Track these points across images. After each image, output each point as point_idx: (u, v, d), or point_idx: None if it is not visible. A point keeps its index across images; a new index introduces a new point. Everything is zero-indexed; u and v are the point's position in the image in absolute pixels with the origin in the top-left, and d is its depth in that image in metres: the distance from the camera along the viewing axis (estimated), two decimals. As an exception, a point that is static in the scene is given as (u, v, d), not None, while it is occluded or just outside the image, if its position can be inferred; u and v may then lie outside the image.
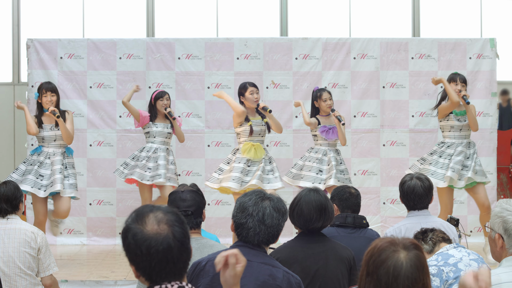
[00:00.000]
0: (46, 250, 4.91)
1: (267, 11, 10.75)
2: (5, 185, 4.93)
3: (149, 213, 2.30)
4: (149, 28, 10.63)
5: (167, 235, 2.26)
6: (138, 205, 9.12)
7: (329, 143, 7.33)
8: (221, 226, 8.52)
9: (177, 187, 4.21)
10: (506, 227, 3.13)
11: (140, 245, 2.25)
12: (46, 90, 7.10)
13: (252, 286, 3.20)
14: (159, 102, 7.54)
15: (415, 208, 4.79)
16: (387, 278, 2.29)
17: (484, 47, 8.85)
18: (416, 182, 4.76)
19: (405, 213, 8.06)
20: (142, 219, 2.29)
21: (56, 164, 7.08)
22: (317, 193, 3.96)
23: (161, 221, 2.28)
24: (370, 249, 2.37)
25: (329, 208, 3.93)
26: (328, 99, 7.31)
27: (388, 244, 2.34)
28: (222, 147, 8.80)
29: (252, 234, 3.27)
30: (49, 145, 7.16)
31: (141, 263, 2.27)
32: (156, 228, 2.26)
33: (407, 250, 2.32)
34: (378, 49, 8.84)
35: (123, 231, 2.31)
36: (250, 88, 7.19)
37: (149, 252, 2.24)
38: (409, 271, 2.29)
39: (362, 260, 2.39)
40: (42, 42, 8.77)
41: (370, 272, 2.33)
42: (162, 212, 2.31)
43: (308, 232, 3.96)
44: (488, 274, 2.21)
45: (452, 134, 7.29)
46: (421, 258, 2.33)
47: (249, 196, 3.32)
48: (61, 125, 7.03)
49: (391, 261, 2.30)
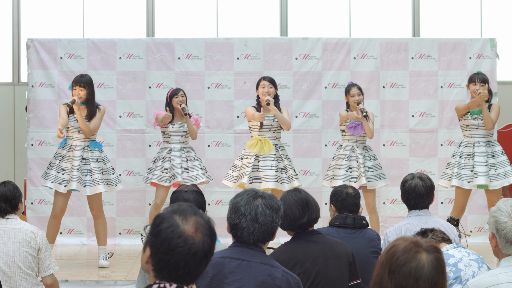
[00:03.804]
0: (46, 250, 4.91)
1: (267, 11, 10.75)
2: (4, 185, 4.93)
3: (192, 215, 2.31)
4: (149, 28, 10.63)
5: (198, 243, 2.26)
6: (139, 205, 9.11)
7: (357, 139, 7.37)
8: (221, 226, 8.47)
9: (180, 187, 4.19)
10: (497, 227, 3.14)
11: (170, 238, 2.24)
12: (75, 84, 6.99)
13: (251, 286, 3.20)
14: (174, 99, 7.46)
15: (416, 208, 4.79)
16: (409, 279, 2.30)
17: (484, 47, 8.84)
18: (417, 181, 4.76)
19: (405, 213, 8.06)
20: (185, 216, 2.29)
21: (76, 160, 6.96)
22: (297, 191, 4.04)
23: (200, 228, 2.28)
24: (392, 247, 2.38)
25: (311, 202, 3.99)
26: (356, 94, 7.36)
27: (412, 245, 2.35)
28: (222, 147, 8.80)
29: (246, 233, 3.27)
30: (73, 138, 7.04)
31: (160, 254, 2.26)
32: (193, 231, 2.26)
33: (429, 252, 2.34)
34: (378, 49, 8.84)
35: (160, 216, 2.30)
36: (262, 82, 7.24)
37: (175, 249, 2.23)
38: (430, 274, 2.31)
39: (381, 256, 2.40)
40: (42, 42, 8.76)
41: (392, 270, 2.33)
42: (203, 220, 2.32)
43: (302, 231, 3.97)
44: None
45: (469, 133, 7.29)
46: (441, 261, 2.35)
47: (241, 196, 3.33)
48: (77, 116, 6.90)
49: (414, 262, 2.31)
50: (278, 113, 7.17)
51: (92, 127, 6.99)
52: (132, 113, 8.76)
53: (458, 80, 8.83)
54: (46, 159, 8.43)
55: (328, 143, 8.73)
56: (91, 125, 6.98)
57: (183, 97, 7.47)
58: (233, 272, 3.23)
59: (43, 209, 8.57)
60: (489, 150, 7.20)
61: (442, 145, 8.82)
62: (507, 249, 3.13)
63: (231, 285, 3.21)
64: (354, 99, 7.34)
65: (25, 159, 9.21)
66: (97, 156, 7.07)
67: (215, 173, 8.54)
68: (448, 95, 8.83)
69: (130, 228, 8.70)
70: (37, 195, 8.65)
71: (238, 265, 3.25)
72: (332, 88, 8.78)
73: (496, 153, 7.20)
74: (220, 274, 3.23)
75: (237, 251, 3.29)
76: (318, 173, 8.68)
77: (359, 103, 7.31)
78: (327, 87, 8.84)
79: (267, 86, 7.21)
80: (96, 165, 7.03)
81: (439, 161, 8.79)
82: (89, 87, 7.00)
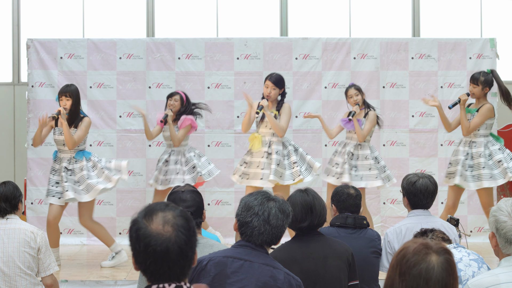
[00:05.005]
0: (46, 250, 4.91)
1: (267, 11, 10.74)
2: (4, 185, 4.93)
3: (158, 212, 2.27)
4: (149, 28, 10.62)
5: (168, 237, 2.23)
6: (139, 205, 9.14)
7: (348, 135, 7.53)
8: (221, 226, 8.52)
9: (177, 188, 4.19)
10: (497, 226, 3.14)
11: (140, 240, 2.23)
12: (61, 94, 7.00)
13: (253, 286, 3.21)
14: (168, 102, 7.57)
15: (424, 207, 4.78)
16: (419, 280, 2.31)
17: (484, 47, 8.84)
18: (426, 180, 4.75)
19: (405, 213, 8.05)
20: (151, 215, 2.27)
21: (62, 171, 6.98)
22: (304, 193, 4.03)
23: (168, 223, 2.25)
24: (402, 249, 2.38)
25: (316, 208, 3.98)
26: (354, 95, 7.48)
27: (421, 247, 2.35)
28: (222, 147, 8.80)
29: (256, 233, 3.28)
30: (60, 150, 7.08)
31: (138, 258, 2.26)
32: (160, 228, 2.24)
33: (439, 254, 2.34)
34: (378, 49, 8.84)
35: (131, 221, 2.30)
36: (266, 82, 7.23)
37: (146, 250, 2.22)
38: (440, 275, 2.31)
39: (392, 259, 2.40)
40: (42, 42, 8.77)
41: (402, 272, 2.34)
42: (172, 214, 2.28)
43: (302, 232, 3.98)
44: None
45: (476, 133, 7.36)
46: (451, 263, 2.35)
47: (255, 196, 3.34)
48: (63, 127, 6.88)
49: (424, 263, 2.32)
50: (271, 119, 7.10)
51: (76, 138, 6.94)
52: (132, 113, 8.76)
53: (458, 80, 8.83)
54: (46, 159, 8.44)
55: (328, 143, 8.72)
56: (75, 137, 6.94)
57: (176, 102, 7.50)
58: (236, 272, 3.23)
59: (43, 209, 8.56)
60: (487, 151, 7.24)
61: (442, 145, 8.82)
62: (507, 248, 3.13)
63: (233, 285, 3.21)
64: (352, 100, 7.47)
65: (25, 159, 9.21)
66: (82, 165, 7.01)
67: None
68: (448, 95, 8.83)
69: (130, 228, 8.69)
70: (37, 195, 8.65)
71: (241, 265, 3.25)
72: (332, 88, 8.78)
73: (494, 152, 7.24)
74: (222, 273, 3.23)
75: (240, 251, 3.29)
76: (318, 173, 8.68)
77: (358, 104, 7.41)
78: (327, 87, 8.84)
79: (270, 87, 7.16)
80: (80, 174, 6.98)
81: (439, 161, 8.79)
82: (74, 97, 6.99)
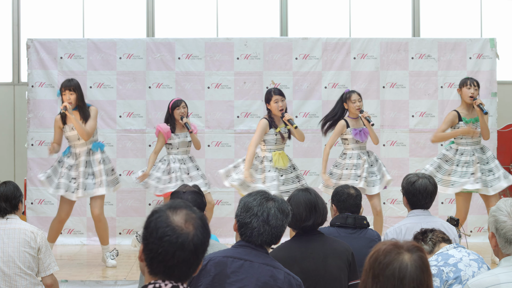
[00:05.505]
0: (46, 250, 4.91)
1: (267, 11, 10.74)
2: (5, 185, 4.93)
3: (183, 208, 2.29)
4: (149, 28, 10.63)
5: (187, 233, 2.23)
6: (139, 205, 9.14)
7: (361, 146, 7.34)
8: (221, 226, 8.52)
9: (179, 188, 4.19)
10: (497, 226, 3.14)
11: (159, 228, 2.23)
12: (65, 88, 6.98)
13: (253, 286, 3.21)
14: (176, 111, 7.44)
15: (423, 207, 4.77)
16: (393, 280, 2.30)
17: (484, 47, 8.85)
18: (426, 181, 4.75)
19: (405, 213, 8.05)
20: (176, 209, 2.28)
21: (81, 166, 7.02)
22: (307, 192, 4.02)
23: (190, 221, 2.26)
24: (374, 252, 2.38)
25: (319, 206, 3.97)
26: (357, 100, 7.30)
27: (392, 247, 2.35)
28: (222, 147, 8.80)
29: (256, 234, 3.28)
30: (75, 145, 7.09)
31: (149, 244, 2.24)
32: (182, 222, 2.24)
33: (411, 252, 2.34)
34: (378, 49, 8.84)
35: (153, 210, 2.30)
36: (275, 97, 7.08)
37: (162, 238, 2.21)
38: (415, 273, 2.31)
39: (365, 264, 2.39)
40: (42, 42, 8.77)
41: (376, 275, 2.33)
42: (195, 215, 2.30)
43: (303, 232, 3.97)
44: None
45: (464, 141, 7.26)
46: (424, 260, 2.35)
47: (254, 196, 3.33)
48: (73, 122, 6.93)
49: (396, 263, 2.31)
50: (299, 130, 7.15)
51: (89, 128, 6.99)
52: (132, 113, 8.76)
53: (458, 80, 8.81)
54: (46, 159, 8.43)
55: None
56: (87, 127, 6.98)
57: (184, 109, 7.46)
58: (236, 272, 3.23)
59: (43, 209, 8.57)
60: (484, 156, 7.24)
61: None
62: (506, 248, 3.13)
63: (233, 285, 3.21)
64: (356, 105, 7.29)
65: (25, 159, 9.21)
66: (99, 158, 7.09)
67: (215, 173, 8.53)
68: (448, 95, 8.84)
69: (130, 228, 8.70)
70: (37, 195, 8.65)
71: (241, 265, 3.25)
72: (332, 88, 8.78)
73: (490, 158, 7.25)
74: (222, 273, 3.23)
75: (240, 251, 3.29)
76: (318, 173, 8.67)
77: (362, 110, 7.29)
78: (327, 87, 8.84)
79: (280, 100, 7.08)
80: (98, 168, 7.06)
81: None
82: (78, 91, 7.00)
